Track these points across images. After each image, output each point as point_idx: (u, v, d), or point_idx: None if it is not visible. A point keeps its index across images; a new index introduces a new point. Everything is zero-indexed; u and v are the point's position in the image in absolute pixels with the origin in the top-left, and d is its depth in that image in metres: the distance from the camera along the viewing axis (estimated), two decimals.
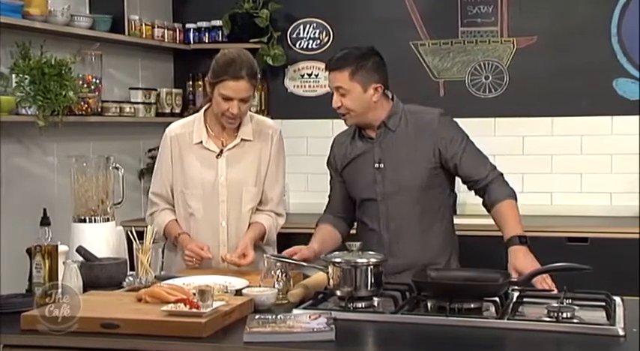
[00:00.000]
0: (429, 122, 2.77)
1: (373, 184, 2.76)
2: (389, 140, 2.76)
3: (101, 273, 2.54)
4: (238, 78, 2.73)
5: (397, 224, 2.74)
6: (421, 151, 2.74)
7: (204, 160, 2.87)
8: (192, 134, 2.89)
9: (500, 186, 2.72)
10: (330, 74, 2.74)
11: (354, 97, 2.70)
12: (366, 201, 2.80)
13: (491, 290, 2.22)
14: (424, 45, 4.57)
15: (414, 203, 2.74)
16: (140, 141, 4.62)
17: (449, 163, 2.73)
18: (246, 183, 2.87)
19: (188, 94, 4.79)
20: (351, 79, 2.69)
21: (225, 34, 4.70)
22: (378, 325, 2.14)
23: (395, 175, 2.74)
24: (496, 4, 4.47)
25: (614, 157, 4.34)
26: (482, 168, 2.73)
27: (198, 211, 2.86)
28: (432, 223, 2.77)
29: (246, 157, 2.88)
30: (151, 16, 4.55)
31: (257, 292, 2.31)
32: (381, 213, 2.76)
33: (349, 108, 2.72)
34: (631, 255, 3.82)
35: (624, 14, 4.32)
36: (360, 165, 2.81)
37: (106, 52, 4.14)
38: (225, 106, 2.76)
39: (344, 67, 2.70)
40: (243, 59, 2.78)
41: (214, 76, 2.77)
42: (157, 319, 2.05)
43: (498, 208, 2.67)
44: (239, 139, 2.88)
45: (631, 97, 4.34)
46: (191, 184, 2.87)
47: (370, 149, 2.79)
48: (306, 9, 4.73)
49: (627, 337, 1.95)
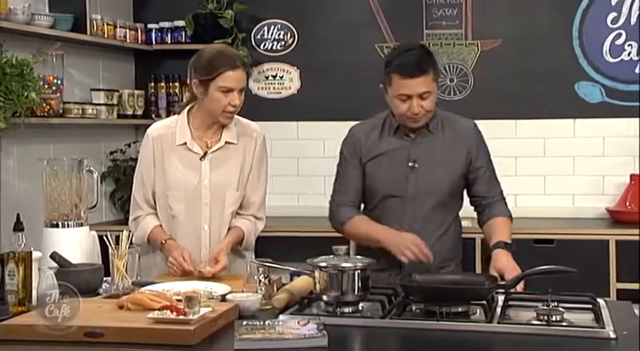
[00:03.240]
0: (467, 130, 2.79)
1: (404, 182, 2.73)
2: (426, 141, 2.75)
3: (77, 279, 2.44)
4: (235, 67, 2.69)
5: (420, 225, 2.72)
6: (455, 156, 2.75)
7: (188, 161, 2.81)
8: (175, 135, 2.82)
9: (502, 206, 2.80)
10: (413, 80, 2.61)
11: (434, 96, 2.67)
12: (390, 198, 2.75)
13: (481, 293, 2.21)
14: (389, 47, 4.57)
15: (439, 206, 2.74)
16: (101, 143, 4.53)
17: (470, 175, 2.76)
18: (229, 186, 2.82)
19: (150, 95, 4.70)
20: (434, 80, 2.66)
21: (189, 34, 4.63)
22: (366, 330, 2.12)
23: (428, 177, 2.72)
24: (460, 7, 4.50)
25: (577, 160, 4.42)
26: (494, 189, 2.80)
27: (180, 214, 2.80)
28: (448, 227, 2.78)
29: (229, 160, 2.83)
30: (113, 15, 4.46)
31: (241, 297, 2.27)
32: (406, 212, 2.73)
33: (429, 109, 2.67)
34: (596, 256, 3.89)
35: (585, 19, 4.39)
36: (390, 161, 2.76)
37: (66, 52, 4.04)
38: (226, 100, 2.71)
39: (428, 70, 2.63)
40: (231, 50, 2.79)
41: (208, 72, 2.70)
42: (144, 327, 1.98)
43: (493, 221, 2.75)
44: (223, 141, 2.82)
45: (592, 100, 4.41)
46: (173, 186, 2.81)
47: (405, 147, 2.75)
48: (270, 10, 4.70)
49: (618, 339, 1.97)
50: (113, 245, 2.49)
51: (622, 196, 4.26)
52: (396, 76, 2.64)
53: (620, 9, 4.36)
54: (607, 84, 4.39)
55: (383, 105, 3.82)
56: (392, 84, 2.66)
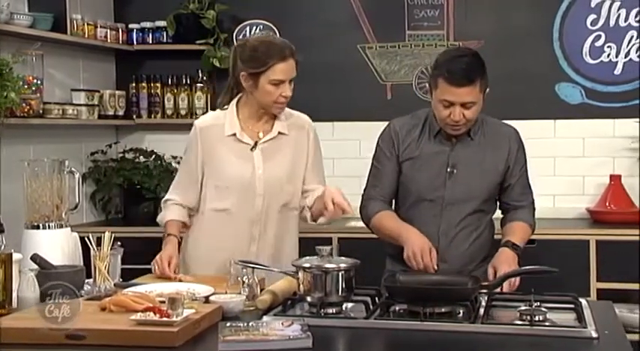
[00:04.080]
0: (507, 137, 2.75)
1: (441, 187, 2.69)
2: (466, 146, 2.70)
3: (58, 281, 2.43)
4: (286, 58, 2.65)
5: (455, 231, 2.69)
6: (494, 164, 2.71)
7: (239, 152, 2.76)
8: (224, 126, 2.77)
9: (526, 213, 2.78)
10: (459, 89, 2.54)
11: (478, 107, 2.61)
12: (425, 201, 2.71)
13: (464, 294, 2.22)
14: (371, 48, 4.58)
15: (475, 212, 2.71)
16: (82, 144, 4.50)
17: (505, 182, 2.74)
18: (282, 177, 2.77)
19: (131, 96, 4.67)
20: (480, 91, 2.59)
21: (170, 34, 4.61)
22: (350, 331, 2.12)
23: (466, 183, 2.68)
24: (442, 8, 4.51)
25: (557, 160, 4.44)
26: (526, 197, 2.79)
27: (233, 206, 2.75)
28: (482, 231, 2.75)
29: (281, 151, 2.78)
30: (93, 15, 4.43)
31: (225, 299, 2.26)
32: (441, 217, 2.69)
33: (470, 119, 2.61)
34: (576, 256, 3.91)
35: (565, 20, 4.42)
36: (428, 164, 2.71)
37: (46, 51, 4.01)
38: (277, 92, 2.67)
39: (476, 81, 2.55)
40: (280, 40, 2.72)
41: (257, 64, 2.64)
42: (127, 329, 1.97)
43: (512, 224, 2.74)
44: (276, 132, 2.78)
45: (572, 101, 4.44)
46: (225, 178, 2.75)
47: (445, 152, 2.70)
48: (252, 10, 4.68)
49: (600, 339, 1.98)
50: (95, 247, 2.48)
51: (602, 196, 4.30)
52: (442, 81, 2.56)
53: (600, 11, 4.39)
54: (587, 85, 4.42)
55: (365, 105, 3.83)
56: (437, 87, 2.59)
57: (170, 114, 4.67)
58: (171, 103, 4.66)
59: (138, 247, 3.19)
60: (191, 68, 4.63)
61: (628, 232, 3.96)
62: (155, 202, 4.54)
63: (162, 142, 4.75)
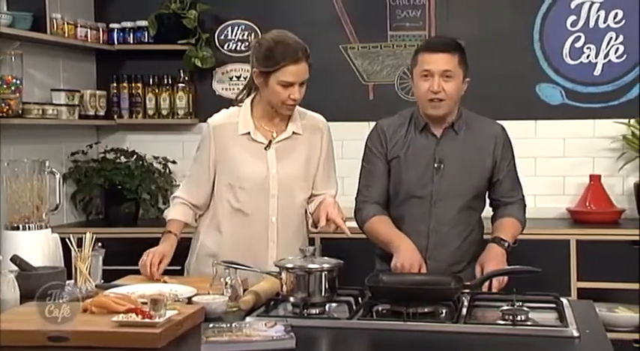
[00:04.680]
0: (494, 134, 2.77)
1: (429, 183, 2.69)
2: (453, 142, 2.71)
3: (39, 283, 2.40)
4: (298, 61, 2.62)
5: (445, 228, 2.69)
6: (481, 159, 2.73)
7: (252, 151, 2.73)
8: (238, 125, 2.74)
9: (519, 209, 2.80)
10: (436, 55, 2.61)
11: (457, 83, 2.64)
12: (414, 199, 2.71)
13: (447, 294, 2.23)
14: (353, 48, 4.59)
15: (465, 209, 2.72)
16: (62, 144, 4.47)
17: (494, 178, 2.75)
18: (297, 177, 2.76)
19: (112, 96, 4.64)
20: (459, 65, 2.63)
21: (151, 34, 4.58)
22: (334, 331, 2.12)
23: (454, 178, 2.69)
24: (424, 8, 4.53)
25: (538, 160, 4.46)
26: (516, 193, 2.81)
27: (247, 206, 2.72)
28: (472, 229, 2.76)
29: (295, 151, 2.77)
30: (74, 14, 4.39)
31: (207, 300, 2.25)
32: (431, 214, 2.70)
33: (450, 93, 2.63)
34: (557, 255, 3.94)
35: (545, 21, 4.45)
36: (416, 160, 2.71)
37: (26, 51, 3.97)
38: (286, 94, 2.64)
39: (454, 51, 2.63)
40: (295, 40, 2.67)
41: (269, 64, 2.62)
42: (109, 331, 1.96)
43: (502, 221, 2.76)
44: (290, 132, 2.76)
45: (552, 101, 4.47)
46: (240, 177, 2.72)
47: (431, 146, 2.71)
48: (234, 10, 4.67)
49: (581, 338, 2.00)
50: (76, 248, 2.46)
51: (582, 196, 4.33)
52: (422, 52, 2.65)
53: (580, 12, 4.42)
54: (567, 86, 4.44)
55: (348, 105, 3.81)
56: (417, 63, 2.66)
57: (151, 114, 4.65)
58: (153, 104, 4.63)
59: (119, 248, 3.18)
60: (172, 68, 4.61)
61: (608, 231, 4.00)
62: (136, 203, 4.53)
63: (143, 142, 4.73)
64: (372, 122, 4.48)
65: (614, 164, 4.38)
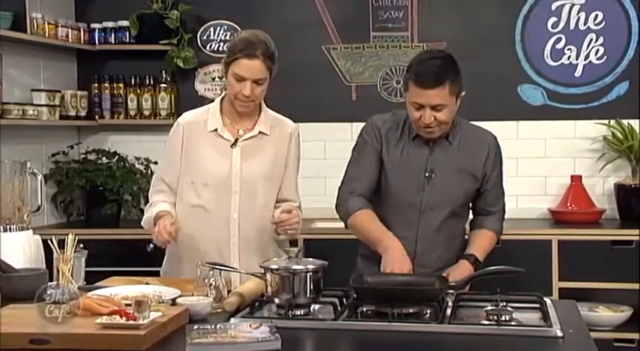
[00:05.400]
0: (487, 143, 2.77)
1: (420, 191, 2.68)
2: (444, 151, 2.69)
3: (20, 285, 2.40)
4: (252, 57, 2.64)
5: (431, 234, 2.69)
6: (472, 169, 2.72)
7: (219, 148, 2.75)
8: (207, 122, 2.77)
9: (495, 220, 2.82)
10: (426, 91, 2.53)
11: (450, 109, 2.59)
12: (404, 205, 2.69)
13: (431, 294, 2.23)
14: (336, 49, 4.59)
15: (452, 216, 2.71)
16: (43, 145, 4.43)
17: (481, 187, 2.76)
18: (260, 176, 2.76)
19: (94, 96, 4.61)
20: (450, 94, 2.56)
21: (133, 34, 4.55)
22: (319, 332, 2.12)
23: (444, 188, 2.67)
24: (406, 9, 4.53)
25: (520, 161, 4.48)
26: (498, 203, 2.82)
27: (209, 202, 2.73)
28: (457, 237, 2.78)
29: (261, 151, 2.78)
30: (54, 14, 4.35)
31: (191, 301, 2.24)
32: (419, 221, 2.68)
33: (443, 121, 2.58)
34: (539, 255, 3.96)
35: (527, 23, 4.47)
36: (406, 168, 2.69)
37: (5, 51, 3.94)
38: (238, 88, 2.67)
39: (444, 83, 2.53)
40: (260, 39, 2.69)
41: (229, 55, 2.69)
42: (92, 333, 1.95)
43: (479, 232, 2.78)
44: (257, 131, 2.78)
45: (534, 102, 4.50)
46: (203, 174, 2.74)
47: (422, 155, 2.68)
48: (216, 10, 4.65)
49: (565, 337, 2.01)
50: (58, 249, 2.44)
51: (563, 196, 4.35)
52: (411, 83, 2.57)
53: (560, 14, 4.45)
54: (548, 87, 4.47)
55: (329, 106, 3.79)
56: (408, 90, 2.61)
57: (133, 115, 4.62)
58: (135, 104, 4.60)
59: (100, 249, 3.17)
60: (154, 69, 4.59)
61: (588, 231, 4.03)
62: (118, 204, 4.50)
63: (125, 143, 4.70)
64: (355, 123, 4.57)
65: (595, 165, 4.41)
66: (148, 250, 2.65)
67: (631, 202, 4.25)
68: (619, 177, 4.38)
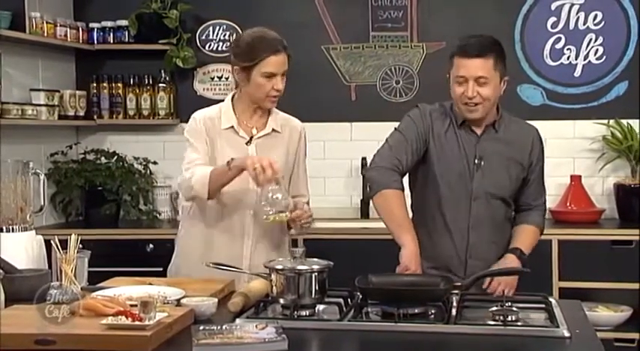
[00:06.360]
0: (531, 134, 2.78)
1: (469, 180, 2.67)
2: (492, 139, 2.70)
3: (23, 286, 2.38)
4: (278, 52, 2.68)
5: (486, 225, 2.69)
6: (519, 159, 2.73)
7: (234, 145, 2.76)
8: (221, 120, 2.77)
9: (538, 215, 2.82)
10: (469, 61, 2.56)
11: (493, 86, 2.60)
12: (454, 195, 2.67)
13: (436, 294, 2.23)
14: (335, 49, 4.58)
15: (503, 206, 2.72)
16: (42, 145, 4.41)
17: (526, 177, 2.76)
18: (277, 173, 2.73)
19: (92, 96, 4.59)
20: (494, 68, 2.58)
21: (132, 34, 4.54)
22: (324, 332, 2.11)
23: (493, 175, 2.68)
24: (406, 9, 4.53)
25: None
26: (540, 197, 2.82)
27: (227, 198, 2.73)
28: (505, 229, 2.77)
29: (275, 148, 2.80)
30: (53, 13, 4.34)
31: (197, 302, 2.23)
32: (472, 211, 2.68)
33: (486, 97, 2.59)
34: (539, 255, 3.90)
35: (526, 23, 4.48)
36: (454, 156, 2.68)
37: (4, 50, 3.92)
38: (269, 85, 2.69)
39: (488, 55, 2.57)
40: (271, 33, 2.73)
41: (250, 58, 2.67)
42: (98, 334, 1.93)
43: (523, 227, 2.77)
44: (270, 128, 2.81)
45: (533, 102, 4.50)
46: None
47: (472, 143, 2.68)
48: (215, 10, 4.64)
49: (572, 338, 2.00)
50: (60, 250, 2.42)
51: (563, 196, 4.36)
52: (456, 56, 2.61)
53: (560, 14, 4.46)
54: (548, 87, 4.48)
55: (329, 106, 3.79)
56: (452, 66, 2.63)
57: (132, 114, 4.60)
58: (134, 104, 4.59)
59: (100, 249, 3.13)
60: (153, 68, 4.57)
61: (588, 231, 4.03)
62: (117, 204, 4.49)
63: (124, 143, 4.69)
64: (354, 123, 4.58)
65: (595, 165, 4.42)
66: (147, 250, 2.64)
67: (630, 202, 4.26)
68: (618, 177, 4.38)
